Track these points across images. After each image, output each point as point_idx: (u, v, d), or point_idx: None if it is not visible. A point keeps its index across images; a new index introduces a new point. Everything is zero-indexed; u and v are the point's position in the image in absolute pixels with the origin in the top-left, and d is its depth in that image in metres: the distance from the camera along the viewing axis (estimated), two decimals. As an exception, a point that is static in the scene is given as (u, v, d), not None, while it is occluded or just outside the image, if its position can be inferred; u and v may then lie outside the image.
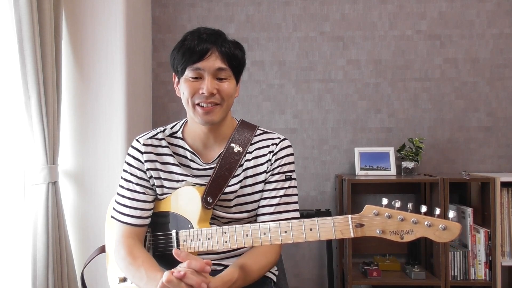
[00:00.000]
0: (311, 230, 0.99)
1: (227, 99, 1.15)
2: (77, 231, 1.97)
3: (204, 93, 1.10)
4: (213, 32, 1.15)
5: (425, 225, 0.90)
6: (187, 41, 1.13)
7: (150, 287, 1.06)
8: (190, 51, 1.11)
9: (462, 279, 2.20)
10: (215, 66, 1.11)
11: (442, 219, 0.90)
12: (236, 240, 1.07)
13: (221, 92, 1.13)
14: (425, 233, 0.91)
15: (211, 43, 1.11)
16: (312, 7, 2.55)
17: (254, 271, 1.13)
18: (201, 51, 1.10)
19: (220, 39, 1.14)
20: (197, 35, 1.13)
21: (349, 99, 2.54)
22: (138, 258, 1.13)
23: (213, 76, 1.12)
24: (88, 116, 1.98)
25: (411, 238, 0.92)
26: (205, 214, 1.16)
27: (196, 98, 1.13)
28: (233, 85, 1.16)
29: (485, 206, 2.23)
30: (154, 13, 2.56)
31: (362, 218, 0.96)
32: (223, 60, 1.12)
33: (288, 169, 1.22)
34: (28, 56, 1.59)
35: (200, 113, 1.13)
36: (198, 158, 1.21)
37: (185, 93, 1.14)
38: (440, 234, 0.89)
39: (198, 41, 1.11)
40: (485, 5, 2.50)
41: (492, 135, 2.50)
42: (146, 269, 1.10)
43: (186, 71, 1.13)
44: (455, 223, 0.89)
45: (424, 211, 0.92)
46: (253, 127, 1.27)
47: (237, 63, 1.16)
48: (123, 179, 1.23)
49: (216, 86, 1.12)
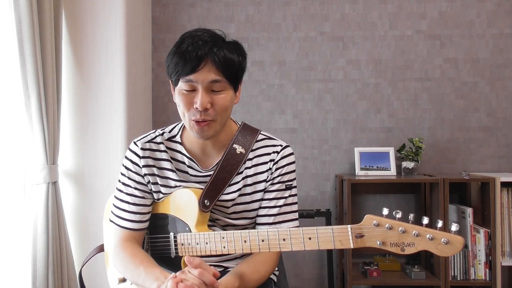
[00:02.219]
0: (310, 239, 0.97)
1: (221, 113, 1.09)
2: (77, 231, 1.97)
3: (198, 108, 1.05)
4: (209, 38, 1.07)
5: (427, 238, 0.88)
6: (182, 46, 1.06)
7: (148, 282, 1.05)
8: (183, 60, 1.04)
9: (462, 279, 2.20)
10: (208, 78, 1.04)
11: (444, 232, 0.87)
12: (234, 246, 1.05)
13: (215, 106, 1.07)
14: (427, 247, 0.88)
15: (205, 51, 1.04)
16: (312, 7, 2.54)
17: (254, 281, 1.13)
18: (193, 61, 1.03)
19: (216, 45, 1.06)
20: (192, 41, 1.05)
21: (349, 99, 2.54)
22: (136, 258, 1.13)
23: (206, 89, 1.06)
24: (88, 116, 1.98)
25: (412, 251, 0.90)
26: (202, 217, 1.14)
27: (191, 114, 1.08)
28: (230, 96, 1.10)
29: (485, 206, 2.23)
30: (154, 13, 2.56)
31: (362, 229, 0.94)
32: (217, 71, 1.05)
33: (288, 178, 1.19)
34: (28, 56, 1.59)
35: (196, 129, 1.09)
36: (196, 165, 1.19)
37: (180, 106, 1.09)
38: (442, 248, 0.87)
39: (192, 48, 1.04)
40: (485, 5, 2.50)
41: (492, 135, 2.50)
42: (144, 266, 1.10)
43: (179, 82, 1.07)
44: (458, 237, 0.86)
45: (425, 223, 0.89)
46: (255, 130, 1.23)
47: (233, 70, 1.08)
48: (121, 183, 1.21)
49: (209, 100, 1.06)
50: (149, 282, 1.04)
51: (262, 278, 1.16)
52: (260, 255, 1.17)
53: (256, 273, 1.14)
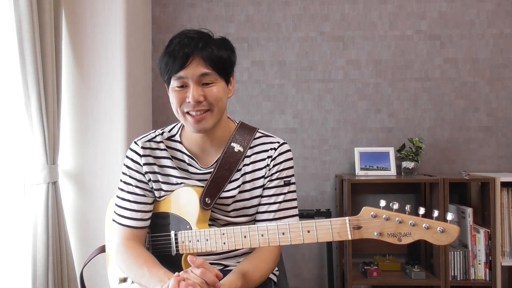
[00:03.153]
0: (308, 232, 0.99)
1: (216, 103, 1.11)
2: (77, 231, 1.97)
3: (190, 102, 1.09)
4: (195, 36, 1.11)
5: (423, 227, 0.90)
6: (170, 47, 1.10)
7: (152, 283, 1.05)
8: (172, 59, 1.08)
9: (462, 279, 2.20)
10: (197, 72, 1.08)
11: (440, 222, 0.89)
12: (234, 242, 1.06)
13: (208, 98, 1.10)
14: (423, 236, 0.90)
15: (192, 48, 1.08)
16: (312, 7, 2.55)
17: (256, 279, 1.14)
18: (181, 58, 1.07)
19: (201, 42, 1.09)
20: (178, 41, 1.10)
21: (349, 99, 2.54)
22: (140, 257, 1.14)
23: (197, 82, 1.09)
24: (88, 116, 1.98)
25: (409, 240, 0.92)
26: (203, 215, 1.16)
27: (184, 107, 1.12)
28: (222, 88, 1.13)
29: (485, 206, 2.23)
30: (154, 13, 2.56)
31: (359, 220, 0.95)
32: (206, 65, 1.08)
33: (287, 174, 1.21)
34: (28, 56, 1.59)
35: (191, 122, 1.12)
36: (196, 162, 1.21)
37: (174, 103, 1.13)
38: (438, 236, 0.88)
39: (179, 47, 1.08)
40: (485, 5, 2.50)
41: (492, 135, 2.50)
42: (148, 266, 1.10)
43: (171, 80, 1.11)
44: (453, 225, 0.88)
45: (422, 213, 0.91)
46: (253, 129, 1.25)
47: (222, 65, 1.12)
48: (123, 182, 1.23)
49: (201, 92, 1.09)
50: (153, 284, 1.05)
51: (264, 275, 1.16)
52: (261, 253, 1.18)
53: (258, 271, 1.14)
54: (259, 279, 1.15)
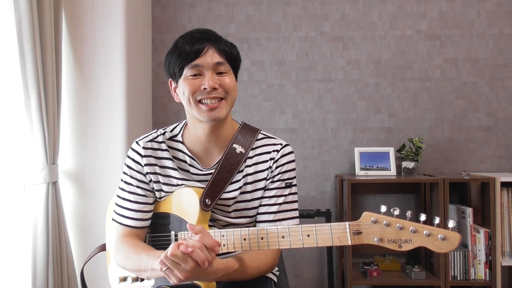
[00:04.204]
0: (308, 236, 0.98)
1: (230, 92, 1.13)
2: (77, 231, 1.97)
3: (206, 89, 1.09)
4: (205, 31, 1.14)
5: (424, 234, 0.89)
6: (179, 44, 1.12)
7: (150, 262, 1.05)
8: (185, 51, 1.10)
9: (462, 279, 2.20)
10: (213, 60, 1.10)
11: (441, 229, 0.88)
12: (234, 244, 1.06)
13: (223, 86, 1.11)
14: (424, 243, 0.89)
15: (206, 41, 1.11)
16: (312, 7, 2.55)
17: (254, 267, 1.12)
18: (197, 49, 1.09)
19: (214, 36, 1.13)
20: (189, 37, 1.12)
21: (349, 99, 2.54)
22: (137, 247, 1.14)
23: (213, 70, 1.11)
24: (88, 116, 1.98)
25: (409, 247, 0.91)
26: (203, 216, 1.15)
27: (198, 94, 1.10)
28: (234, 80, 1.15)
29: (485, 206, 2.23)
30: (154, 13, 2.56)
31: (360, 226, 0.94)
32: (220, 55, 1.11)
33: (288, 176, 1.20)
34: (28, 56, 1.59)
35: (205, 110, 1.11)
36: (197, 163, 1.20)
37: (186, 92, 1.11)
38: (439, 244, 0.88)
39: (192, 41, 1.10)
40: (485, 5, 2.50)
41: (492, 135, 2.50)
42: (146, 252, 1.10)
43: (184, 70, 1.11)
44: (455, 233, 0.87)
45: (423, 220, 0.90)
46: (255, 130, 1.24)
47: (234, 59, 1.16)
48: (124, 182, 1.23)
49: (217, 80, 1.10)
50: (151, 262, 1.04)
51: (261, 266, 1.15)
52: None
53: (256, 260, 1.13)
54: (257, 269, 1.14)
